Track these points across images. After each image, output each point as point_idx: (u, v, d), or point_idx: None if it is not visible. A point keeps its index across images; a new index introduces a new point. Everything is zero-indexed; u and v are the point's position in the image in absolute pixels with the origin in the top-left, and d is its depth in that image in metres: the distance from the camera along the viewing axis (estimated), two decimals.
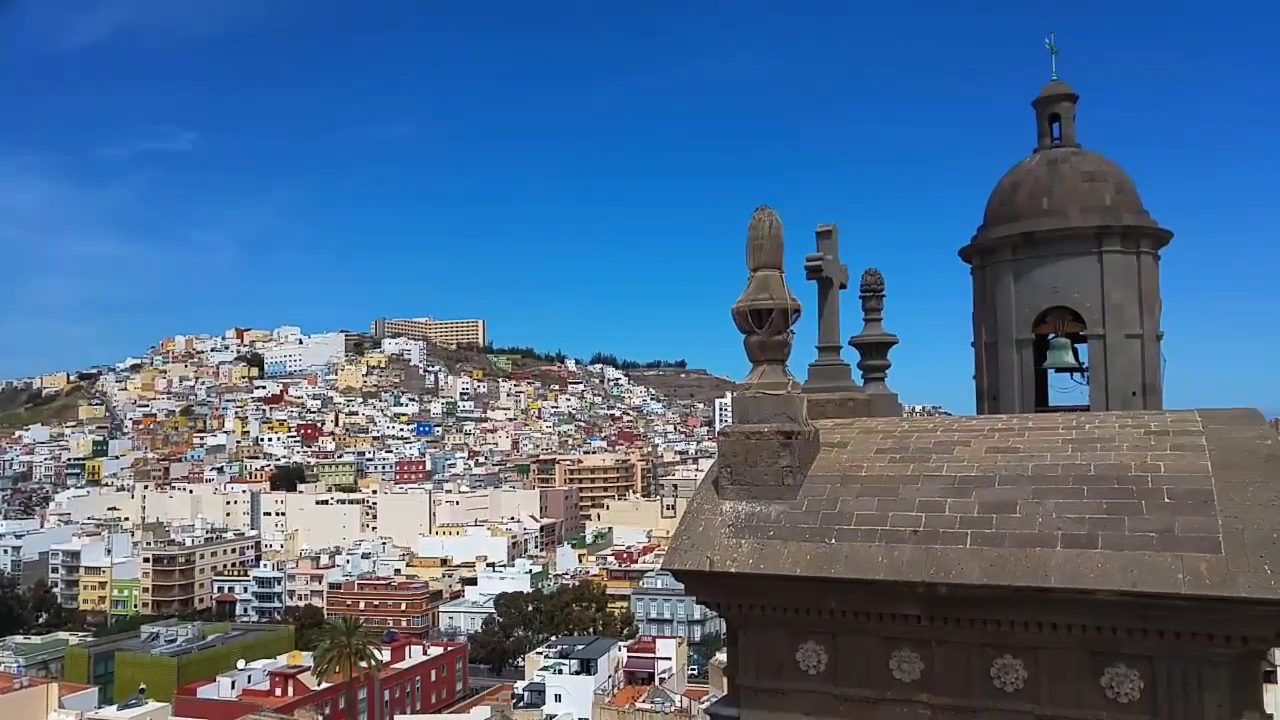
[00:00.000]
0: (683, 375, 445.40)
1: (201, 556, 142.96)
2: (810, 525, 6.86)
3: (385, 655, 78.15)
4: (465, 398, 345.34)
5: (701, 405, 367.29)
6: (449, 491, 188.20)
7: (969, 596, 6.18)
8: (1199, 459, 6.65)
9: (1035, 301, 13.14)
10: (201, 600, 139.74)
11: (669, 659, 75.11)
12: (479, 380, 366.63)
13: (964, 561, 6.22)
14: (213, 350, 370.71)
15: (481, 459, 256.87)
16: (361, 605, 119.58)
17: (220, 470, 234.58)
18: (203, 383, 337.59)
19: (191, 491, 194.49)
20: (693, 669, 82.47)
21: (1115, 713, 6.01)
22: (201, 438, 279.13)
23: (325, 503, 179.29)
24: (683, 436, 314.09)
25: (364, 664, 70.41)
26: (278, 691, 71.33)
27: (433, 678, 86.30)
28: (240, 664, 76.45)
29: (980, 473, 6.89)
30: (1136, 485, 6.48)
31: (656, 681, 70.59)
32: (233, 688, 71.49)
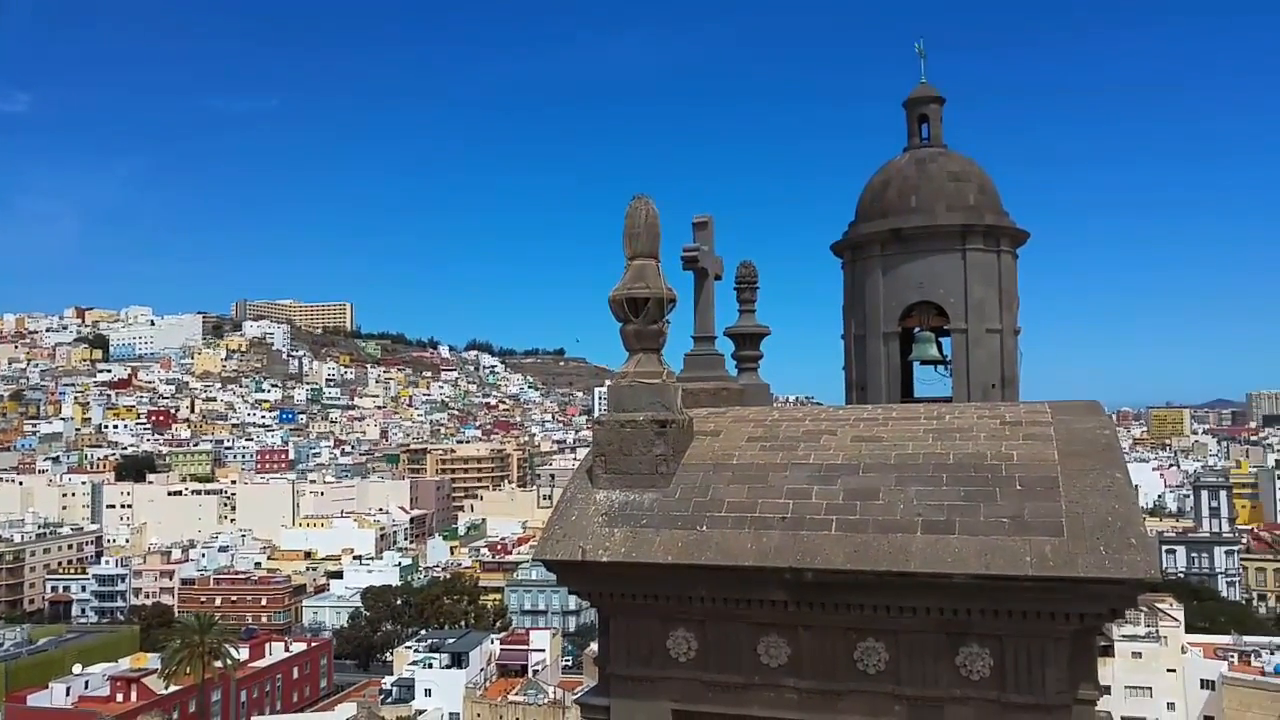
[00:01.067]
0: (561, 363, 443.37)
1: (32, 554, 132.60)
2: (682, 513, 6.88)
3: (242, 654, 74.73)
4: (332, 384, 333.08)
5: (580, 394, 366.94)
6: (314, 482, 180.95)
7: (834, 581, 6.32)
8: (1047, 448, 7.02)
9: (902, 296, 13.63)
10: (32, 601, 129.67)
11: (543, 651, 74.88)
12: (346, 366, 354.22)
13: (829, 547, 6.36)
14: (48, 330, 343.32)
15: (349, 448, 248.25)
16: (218, 601, 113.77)
17: (56, 460, 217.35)
18: (36, 365, 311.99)
19: (21, 483, 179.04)
20: (567, 660, 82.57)
21: (968, 690, 6.27)
22: (34, 425, 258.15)
23: (178, 494, 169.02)
24: (561, 425, 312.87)
25: (218, 664, 67.08)
26: (119, 697, 66.80)
27: (294, 675, 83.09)
28: (76, 668, 71.21)
29: (846, 461, 7.08)
30: (991, 473, 6.78)
31: (530, 674, 70.26)
32: (68, 694, 66.48)
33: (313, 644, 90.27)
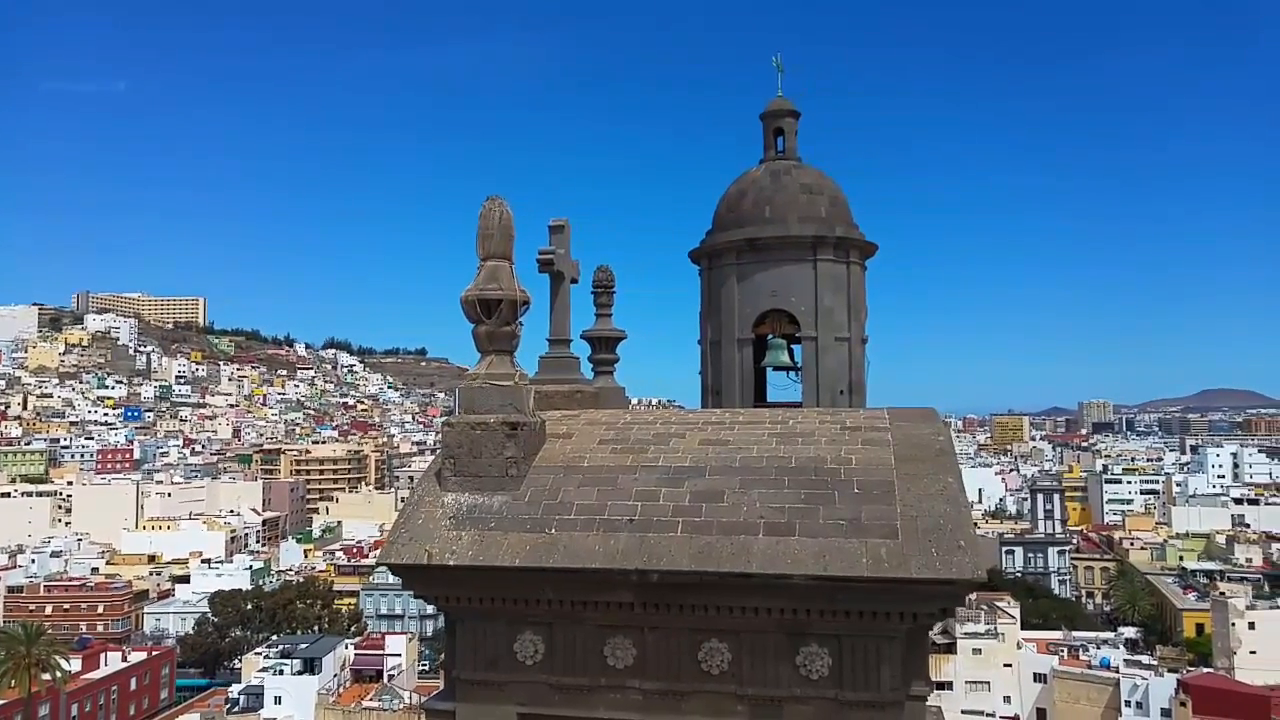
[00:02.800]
0: (423, 363, 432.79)
1: None
2: (531, 516, 6.82)
3: (74, 665, 69.46)
4: (182, 381, 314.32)
5: (442, 395, 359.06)
6: (160, 483, 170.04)
7: (679, 583, 6.39)
8: (884, 453, 7.32)
9: (756, 303, 13.97)
10: None
11: (399, 655, 72.95)
12: (197, 363, 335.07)
13: (675, 549, 6.42)
14: None
15: (199, 447, 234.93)
16: (48, 610, 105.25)
17: None
18: None
19: None
20: (424, 665, 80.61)
21: (807, 689, 6.43)
22: None
23: (6, 495, 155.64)
24: (421, 426, 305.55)
25: (46, 676, 62.11)
26: None
27: (132, 686, 77.81)
28: None
29: (693, 464, 7.18)
30: (831, 477, 7.01)
31: (385, 679, 68.29)
32: None
33: (154, 653, 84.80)
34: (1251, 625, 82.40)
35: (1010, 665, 72.08)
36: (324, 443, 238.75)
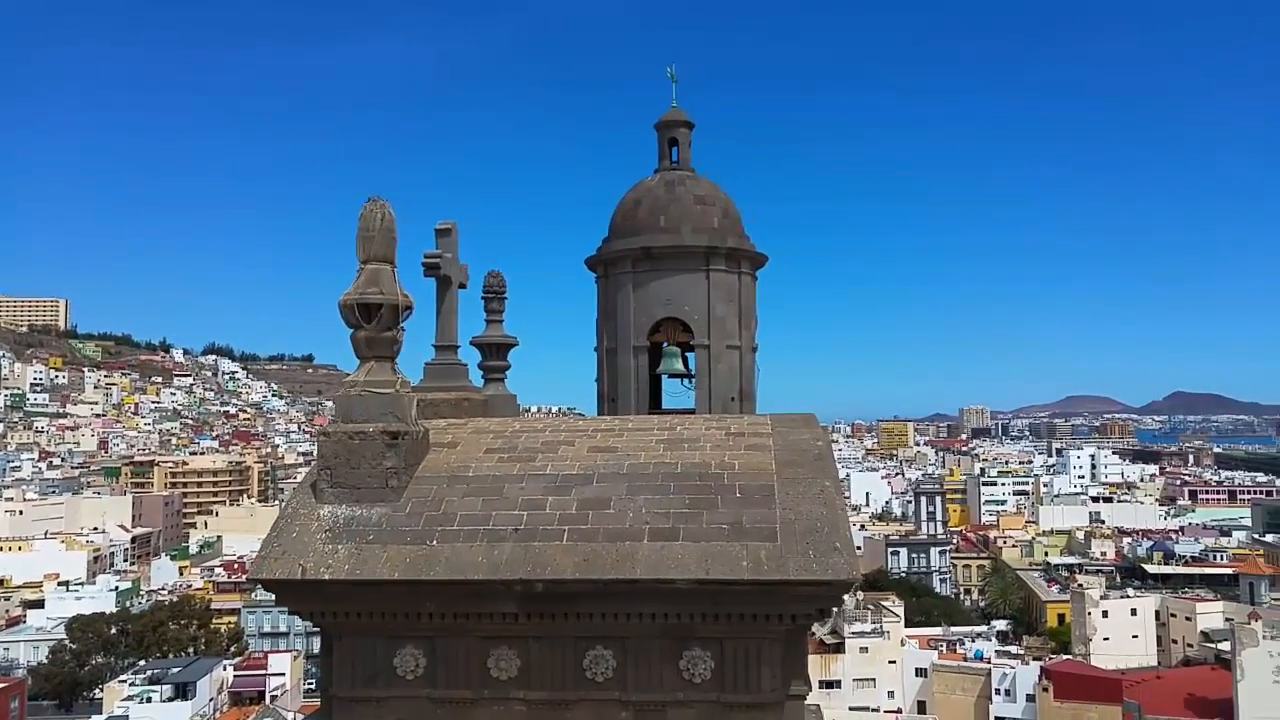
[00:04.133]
0: (310, 370, 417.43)
1: None
2: (413, 527, 6.67)
3: None
4: (39, 389, 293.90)
5: (330, 403, 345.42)
6: (10, 500, 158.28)
7: (564, 591, 6.37)
8: (766, 457, 7.48)
9: (651, 311, 14.12)
10: None
11: (283, 674, 70.18)
12: (58, 369, 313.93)
13: (560, 557, 6.40)
14: None
15: (58, 460, 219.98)
16: None
17: None
18: None
19: None
20: (309, 683, 77.71)
21: (690, 693, 6.50)
22: None
23: None
24: (308, 436, 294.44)
25: None
26: None
27: None
28: None
29: (581, 471, 7.17)
30: (715, 482, 7.10)
31: (267, 700, 65.54)
32: None
33: (1, 685, 78.73)
34: (1105, 614, 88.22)
35: (895, 662, 74.77)
36: (203, 453, 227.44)
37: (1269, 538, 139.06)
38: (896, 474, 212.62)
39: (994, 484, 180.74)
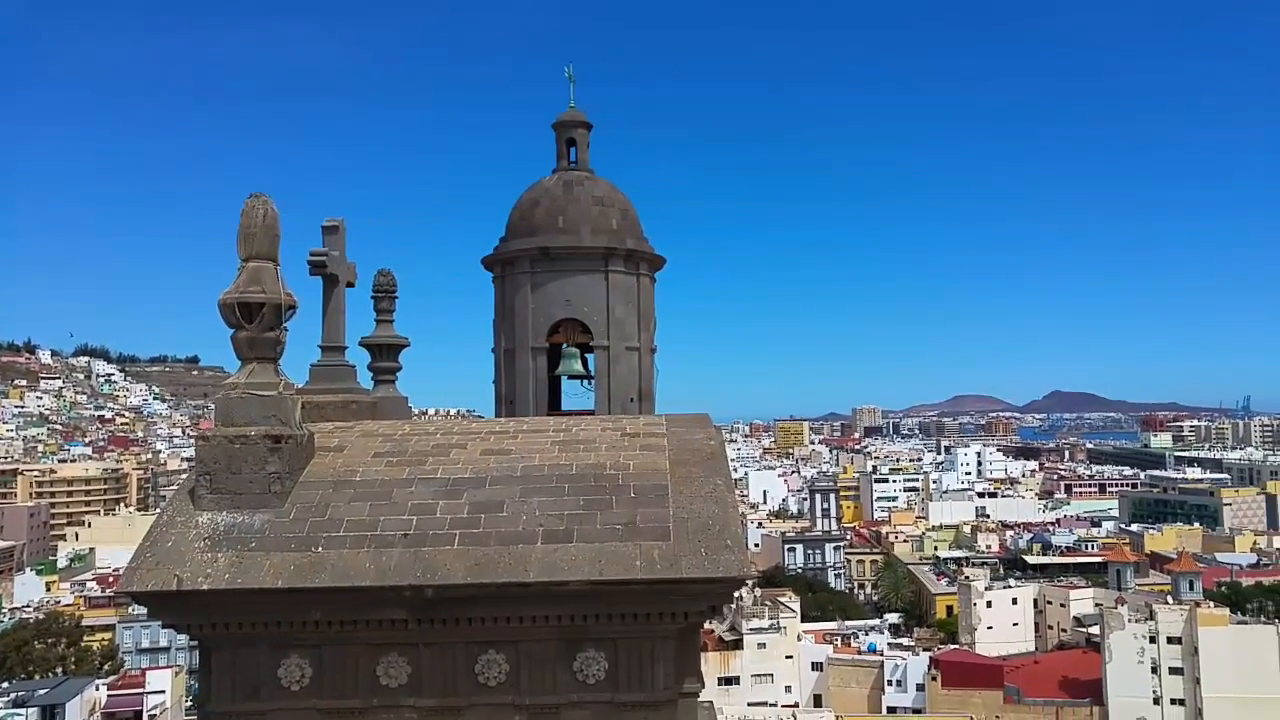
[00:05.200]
0: (194, 372, 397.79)
1: None
2: (297, 534, 6.46)
3: None
4: None
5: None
6: None
7: (455, 596, 6.28)
8: (660, 458, 7.54)
9: (550, 312, 14.04)
10: None
11: (162, 692, 66.82)
12: None
13: (451, 562, 6.31)
14: None
15: None
16: None
17: None
18: None
19: None
20: (190, 700, 74.25)
21: (584, 694, 6.51)
22: None
23: None
24: (192, 441, 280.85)
25: None
26: None
27: None
28: None
29: (473, 474, 7.09)
30: (609, 483, 7.13)
31: (145, 718, 62.33)
32: None
33: None
34: (989, 604, 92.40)
35: (791, 657, 76.44)
36: (75, 460, 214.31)
37: (1134, 527, 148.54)
38: (793, 472, 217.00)
39: (886, 481, 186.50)
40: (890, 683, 73.47)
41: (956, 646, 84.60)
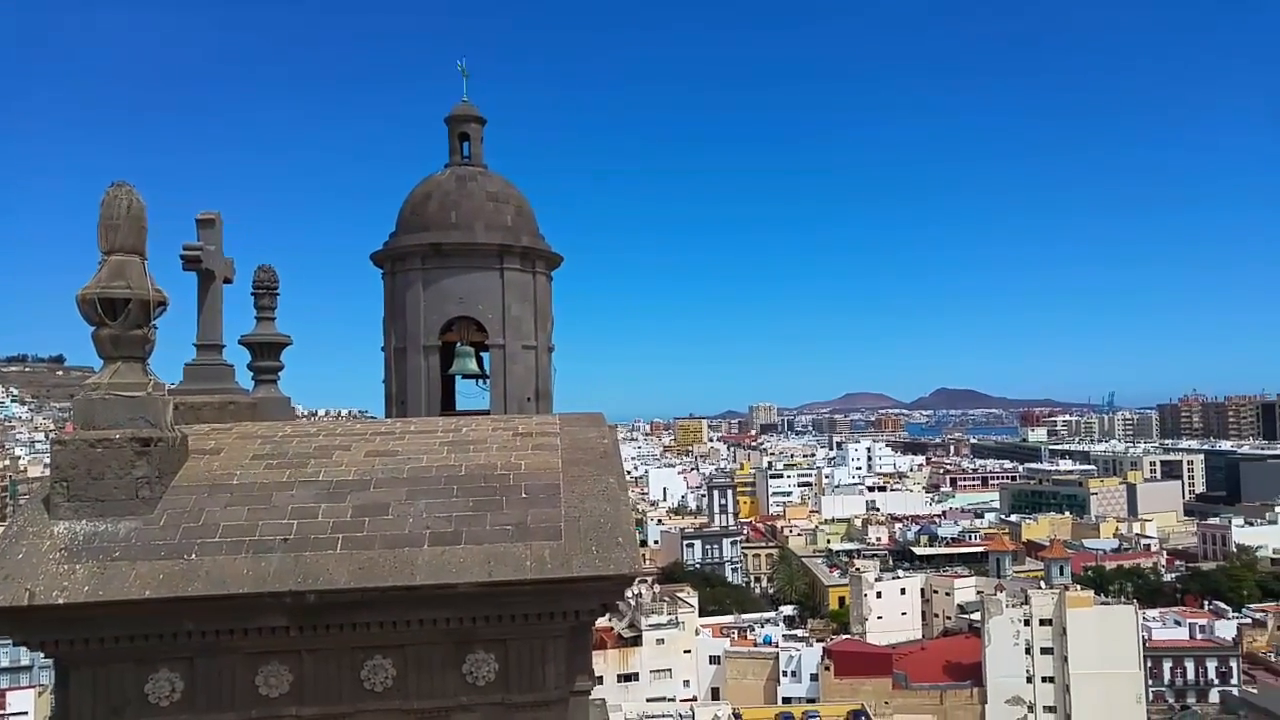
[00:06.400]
0: (59, 373, 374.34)
1: None
2: (168, 541, 6.14)
3: None
4: None
5: None
6: None
7: (338, 601, 6.10)
8: (553, 457, 7.51)
9: (443, 310, 13.78)
10: None
11: (25, 714, 62.84)
12: None
13: (334, 566, 6.13)
14: None
15: None
16: None
17: None
18: None
19: None
20: None
21: (474, 696, 6.43)
22: None
23: None
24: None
25: None
26: None
27: None
28: None
29: (358, 476, 6.90)
30: (500, 483, 7.06)
31: None
32: None
33: None
34: (879, 595, 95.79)
35: (689, 651, 77.39)
36: None
37: (1013, 517, 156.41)
38: (692, 469, 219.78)
39: (781, 476, 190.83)
40: (785, 674, 75.29)
41: (848, 636, 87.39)
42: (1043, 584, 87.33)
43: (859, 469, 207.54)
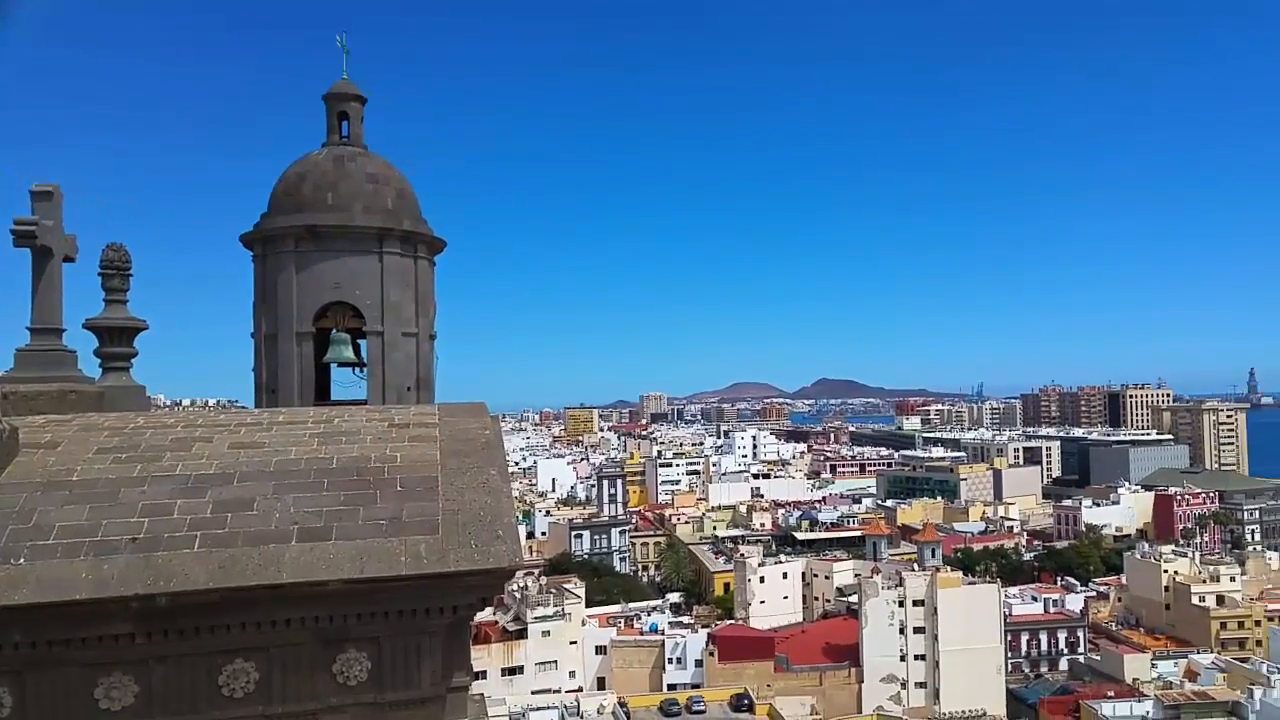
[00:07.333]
0: None
1: None
2: None
3: None
4: None
5: None
6: None
7: (194, 604, 5.71)
8: (431, 449, 7.25)
9: (318, 295, 13.22)
10: None
11: None
12: None
13: (190, 566, 5.72)
14: None
15: None
16: None
17: None
18: None
19: None
20: None
21: (344, 696, 6.15)
22: None
23: None
24: None
25: None
26: None
27: None
28: None
29: (219, 470, 6.49)
30: (374, 476, 6.78)
31: None
32: None
33: None
34: (762, 579, 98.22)
35: (575, 642, 77.40)
36: None
37: (889, 502, 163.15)
38: (582, 459, 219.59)
39: (670, 465, 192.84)
40: (671, 661, 76.28)
41: (733, 621, 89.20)
42: (916, 566, 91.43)
43: (745, 457, 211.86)
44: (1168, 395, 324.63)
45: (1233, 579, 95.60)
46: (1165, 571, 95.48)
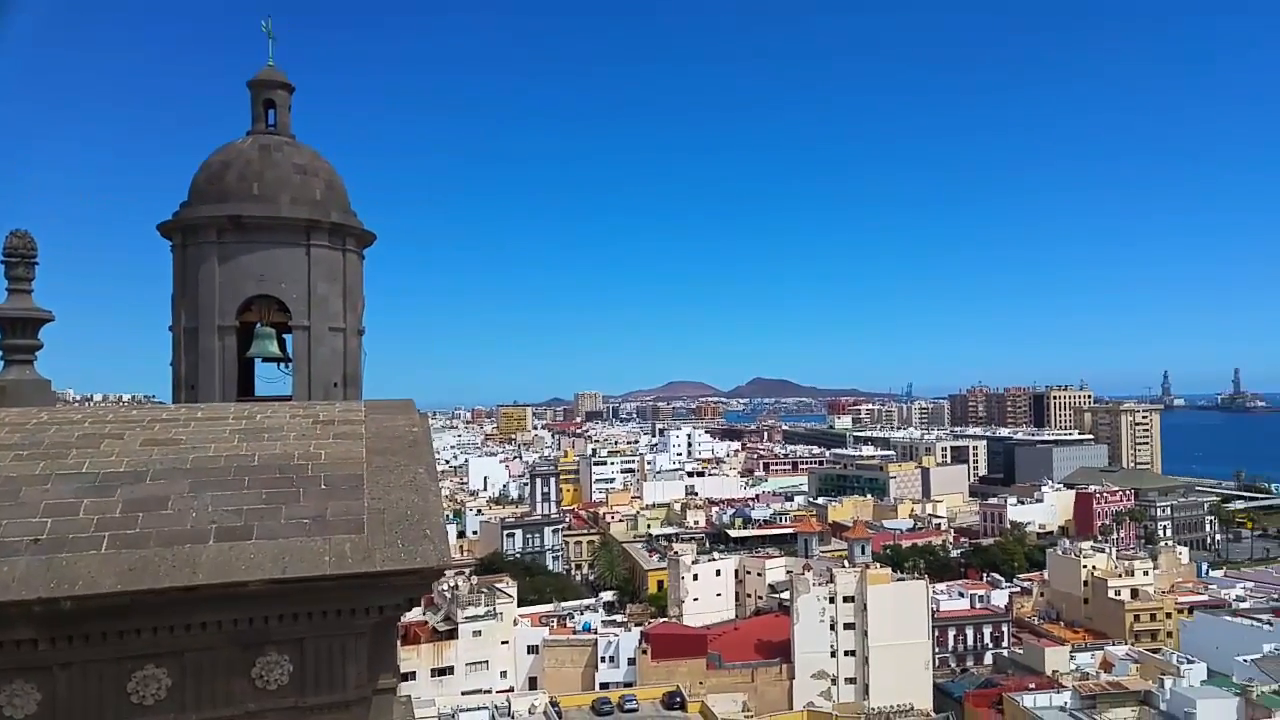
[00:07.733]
0: None
1: None
2: None
3: None
4: None
5: None
6: None
7: (102, 607, 5.45)
8: (356, 446, 7.08)
9: (241, 288, 12.83)
10: None
11: None
12: None
13: (97, 569, 5.47)
14: None
15: None
16: None
17: None
18: None
19: None
20: None
21: (264, 701, 5.96)
22: None
23: None
24: None
25: None
26: None
27: None
28: None
29: (131, 468, 6.23)
30: (297, 474, 6.59)
31: None
32: None
33: None
34: (695, 577, 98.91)
35: (507, 642, 76.85)
36: None
37: (820, 500, 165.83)
38: (515, 458, 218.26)
39: (604, 463, 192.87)
40: (604, 660, 76.27)
41: (666, 620, 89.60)
42: (846, 563, 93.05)
43: (679, 455, 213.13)
44: (1089, 397, 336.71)
45: (1146, 573, 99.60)
46: (1084, 567, 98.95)
